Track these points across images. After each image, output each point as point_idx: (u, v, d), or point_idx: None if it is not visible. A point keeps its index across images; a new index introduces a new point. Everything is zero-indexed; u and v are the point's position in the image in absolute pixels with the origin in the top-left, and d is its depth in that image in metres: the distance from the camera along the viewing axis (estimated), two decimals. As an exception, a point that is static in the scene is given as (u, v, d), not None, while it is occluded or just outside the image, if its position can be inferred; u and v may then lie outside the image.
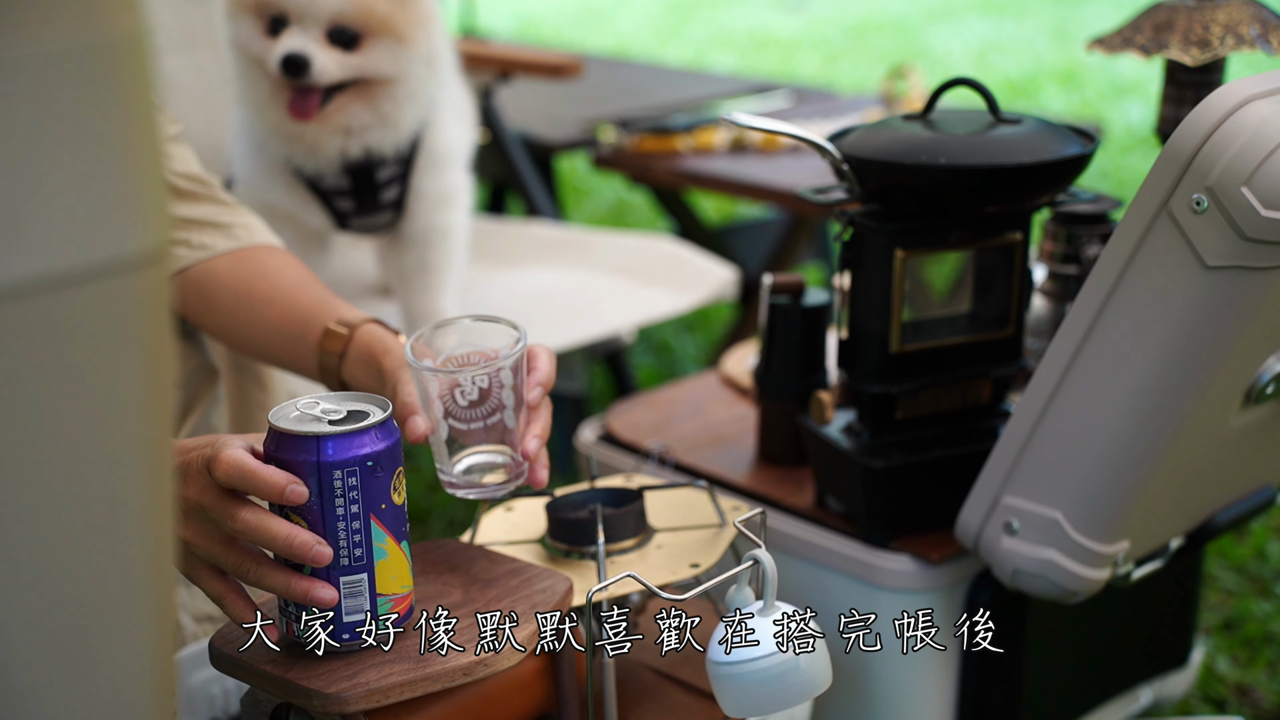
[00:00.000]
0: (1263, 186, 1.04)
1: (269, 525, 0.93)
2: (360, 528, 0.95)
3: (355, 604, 0.96)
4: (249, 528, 0.93)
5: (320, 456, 0.93)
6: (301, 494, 0.93)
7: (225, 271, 1.25)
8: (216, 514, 0.94)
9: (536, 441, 1.07)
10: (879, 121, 1.35)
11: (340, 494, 0.93)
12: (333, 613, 0.95)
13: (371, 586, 0.96)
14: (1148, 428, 1.18)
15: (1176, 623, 1.58)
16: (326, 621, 0.95)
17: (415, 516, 2.34)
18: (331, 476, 0.93)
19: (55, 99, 0.54)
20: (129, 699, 0.63)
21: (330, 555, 0.94)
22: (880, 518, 1.35)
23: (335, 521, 0.94)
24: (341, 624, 0.96)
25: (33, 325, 0.55)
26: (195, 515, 0.95)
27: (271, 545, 0.93)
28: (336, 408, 0.96)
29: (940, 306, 1.35)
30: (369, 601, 0.96)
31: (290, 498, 0.92)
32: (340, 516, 0.94)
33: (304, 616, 0.95)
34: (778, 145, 2.45)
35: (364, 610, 0.96)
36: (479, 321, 1.09)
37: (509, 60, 2.36)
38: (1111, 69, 5.42)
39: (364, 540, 0.95)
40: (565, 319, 1.92)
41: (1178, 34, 1.30)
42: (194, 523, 0.95)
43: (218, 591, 0.97)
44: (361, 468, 0.94)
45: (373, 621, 0.96)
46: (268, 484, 0.93)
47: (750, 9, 7.29)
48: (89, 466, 0.59)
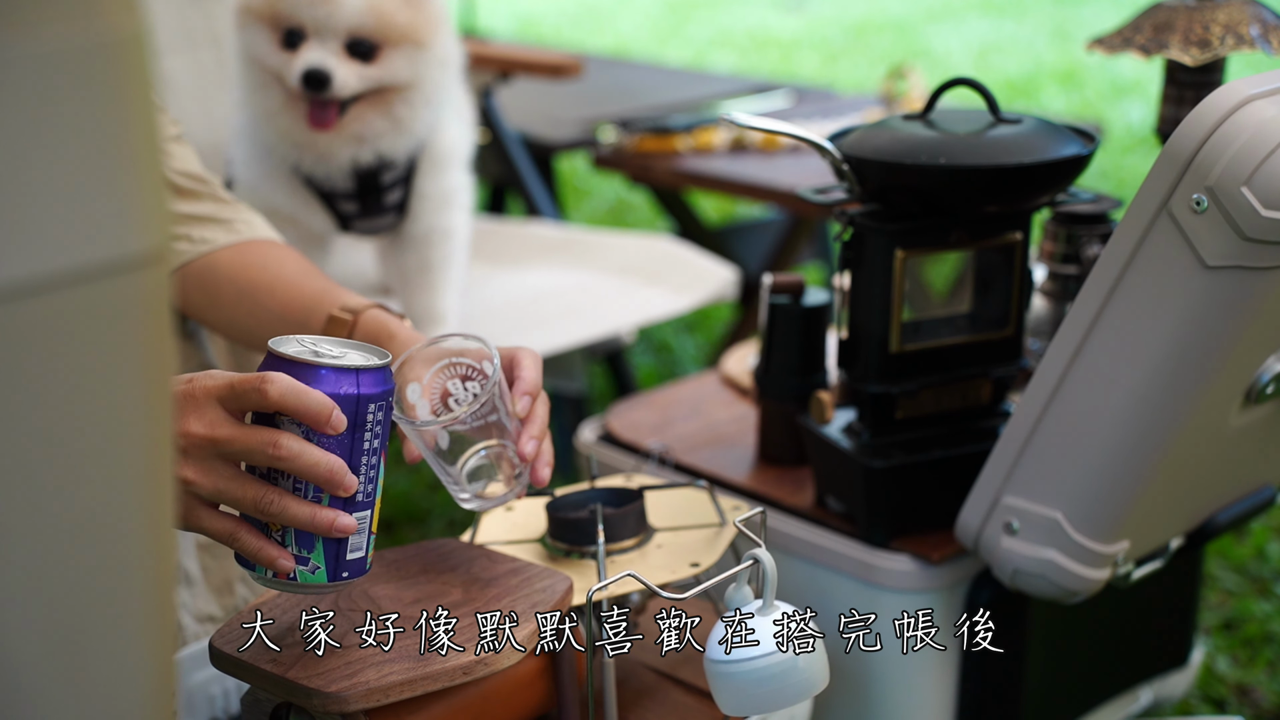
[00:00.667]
0: (1263, 186, 1.04)
1: (311, 452, 0.91)
2: (376, 463, 0.95)
3: (359, 540, 0.95)
4: (292, 454, 0.91)
5: (359, 389, 0.93)
6: (343, 421, 0.92)
7: (227, 264, 1.25)
8: (243, 444, 0.91)
9: (534, 443, 1.07)
10: (879, 121, 1.35)
11: (369, 428, 0.93)
12: (336, 549, 0.94)
13: (370, 524, 0.96)
14: (1148, 428, 1.18)
15: (1176, 623, 1.58)
16: (329, 557, 0.94)
17: (415, 516, 2.34)
18: (366, 410, 0.93)
19: (55, 99, 0.54)
20: (129, 699, 0.63)
21: (355, 486, 0.93)
22: (880, 518, 1.35)
23: (360, 455, 0.94)
24: (344, 561, 0.95)
25: (33, 325, 0.55)
26: (200, 452, 0.91)
27: (311, 471, 0.91)
28: (333, 349, 0.96)
29: (940, 306, 1.35)
30: (367, 539, 0.96)
31: (335, 423, 0.91)
32: (365, 450, 0.94)
33: (310, 558, 0.94)
34: (778, 145, 2.45)
35: (363, 548, 0.96)
36: (448, 340, 1.08)
37: (509, 60, 2.36)
38: (1111, 69, 5.42)
39: (376, 476, 0.95)
40: (565, 319, 1.92)
41: (1178, 34, 1.30)
42: (198, 461, 0.91)
43: (227, 529, 0.93)
44: (386, 405, 0.94)
45: (365, 560, 0.96)
46: (319, 406, 0.91)
47: (750, 9, 7.29)
48: (89, 466, 0.59)
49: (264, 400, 0.90)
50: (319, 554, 0.94)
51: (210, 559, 1.35)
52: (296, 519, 0.92)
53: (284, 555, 0.93)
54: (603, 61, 3.35)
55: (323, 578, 0.94)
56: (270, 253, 1.27)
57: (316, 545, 0.94)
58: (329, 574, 0.94)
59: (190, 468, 0.92)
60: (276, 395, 0.90)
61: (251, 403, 0.91)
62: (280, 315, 1.22)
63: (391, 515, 2.35)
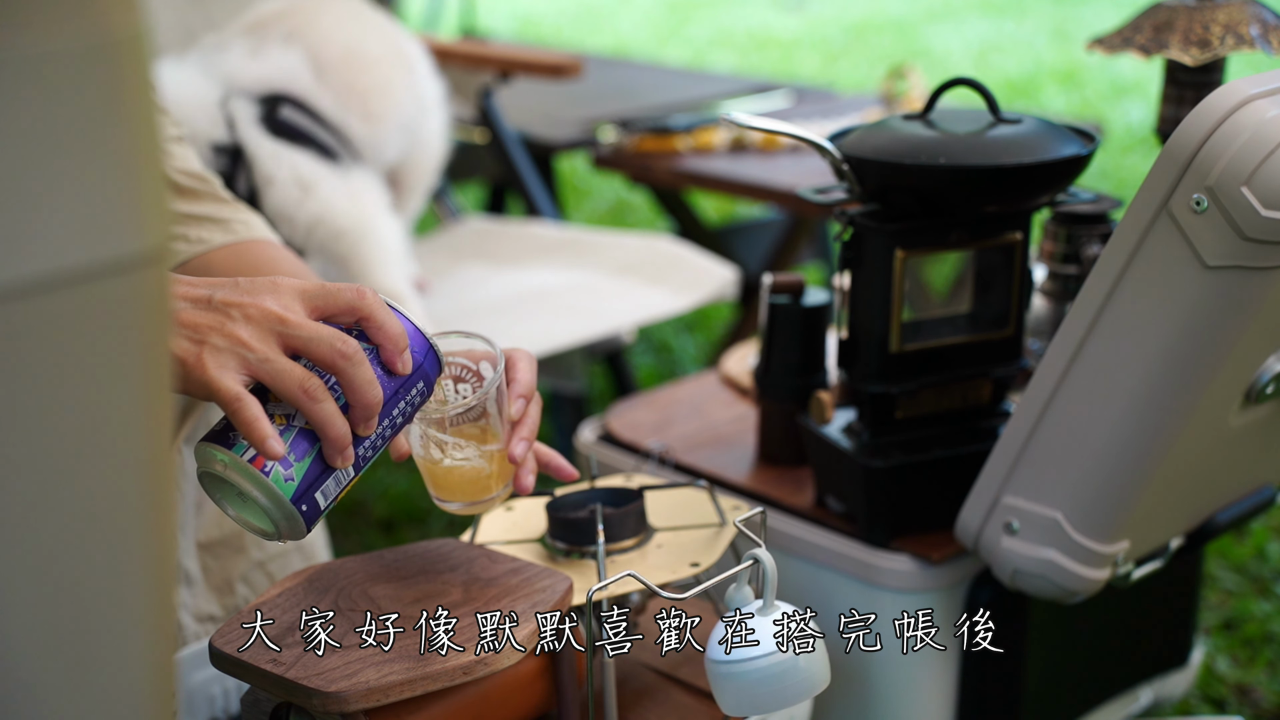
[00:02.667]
0: (1263, 186, 1.04)
1: (370, 367, 0.92)
2: (392, 431, 0.96)
3: (331, 489, 0.94)
4: (359, 358, 0.91)
5: (425, 362, 0.96)
6: (410, 363, 0.95)
7: (221, 264, 1.25)
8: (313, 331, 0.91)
9: (523, 444, 1.05)
10: (879, 121, 1.35)
11: (408, 399, 0.96)
12: (315, 478, 0.92)
13: (345, 486, 0.95)
14: (1148, 427, 1.18)
15: (1176, 623, 1.58)
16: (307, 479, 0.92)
17: (415, 516, 2.34)
18: (417, 383, 0.95)
19: (55, 99, 0.54)
20: (129, 699, 0.63)
21: (374, 431, 0.94)
22: (880, 518, 1.35)
23: (385, 418, 0.94)
24: (312, 495, 0.92)
25: (33, 325, 0.55)
26: (265, 324, 0.91)
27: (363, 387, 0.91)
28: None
29: (940, 306, 1.35)
30: (334, 498, 0.94)
31: (405, 360, 0.94)
32: (391, 415, 0.95)
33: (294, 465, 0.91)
34: (778, 145, 2.45)
35: (328, 499, 0.94)
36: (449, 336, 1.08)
37: (509, 60, 2.36)
38: (1111, 69, 5.43)
39: (378, 450, 0.95)
40: (565, 319, 1.92)
41: (1178, 34, 1.30)
42: (257, 329, 0.91)
43: (236, 391, 0.91)
44: (426, 392, 0.97)
45: (321, 514, 0.94)
46: (401, 333, 0.94)
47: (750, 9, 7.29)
48: (89, 466, 0.59)
49: (360, 299, 0.93)
50: (302, 469, 0.92)
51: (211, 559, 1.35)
52: (331, 417, 0.91)
53: (276, 439, 0.90)
54: (603, 61, 3.35)
55: (288, 492, 0.91)
56: (264, 254, 1.27)
57: (306, 459, 0.92)
58: (295, 493, 0.91)
59: (247, 330, 0.91)
60: (372, 298, 0.93)
61: (344, 301, 0.93)
62: None
63: (391, 515, 2.35)
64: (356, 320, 0.94)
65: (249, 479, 0.91)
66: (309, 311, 0.93)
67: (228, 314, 0.91)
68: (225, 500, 0.94)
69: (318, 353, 0.91)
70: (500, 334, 1.88)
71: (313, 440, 0.92)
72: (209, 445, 0.92)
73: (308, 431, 0.92)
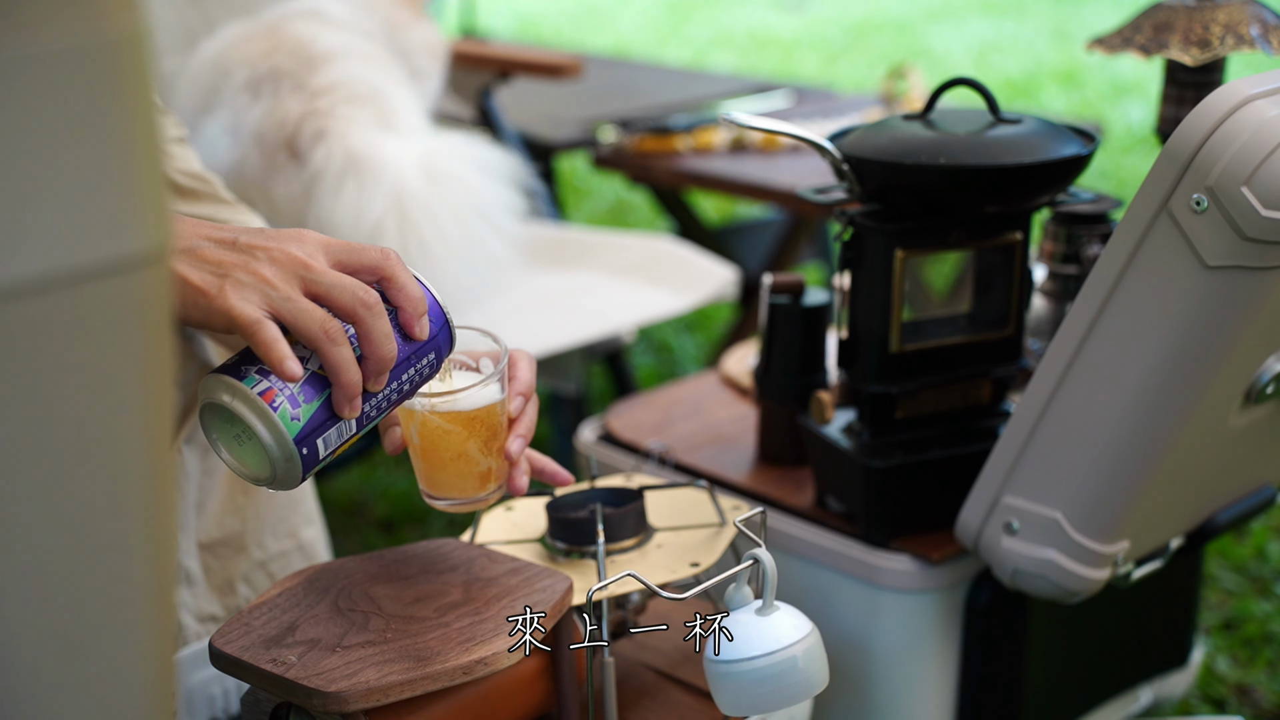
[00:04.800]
0: (1263, 186, 1.04)
1: (387, 323, 0.94)
2: (398, 397, 0.97)
3: (332, 439, 0.94)
4: (377, 309, 0.93)
5: (438, 335, 0.97)
6: (426, 329, 0.96)
7: None
8: (335, 279, 0.92)
9: (520, 442, 1.06)
10: (879, 121, 1.35)
11: (417, 369, 0.96)
12: (319, 424, 0.93)
13: (346, 441, 0.95)
14: (1148, 427, 1.18)
15: (1176, 623, 1.58)
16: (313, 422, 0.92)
17: (415, 516, 2.34)
18: (426, 355, 0.97)
19: (55, 99, 0.54)
20: (129, 699, 0.63)
21: (384, 385, 0.95)
22: (880, 518, 1.35)
23: (392, 382, 0.95)
24: (313, 440, 0.92)
25: (33, 325, 0.55)
26: (290, 268, 0.92)
27: (379, 339, 0.92)
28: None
29: (940, 306, 1.35)
30: (334, 450, 0.95)
31: (423, 325, 0.96)
32: (400, 379, 0.96)
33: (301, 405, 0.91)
34: (778, 145, 2.45)
35: (329, 448, 0.94)
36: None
37: (509, 60, 2.36)
38: (1111, 69, 5.43)
39: (379, 414, 0.96)
40: (565, 319, 1.92)
41: (1178, 34, 1.30)
42: (280, 270, 0.92)
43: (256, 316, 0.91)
44: (434, 366, 0.98)
45: (319, 463, 0.94)
46: (420, 297, 0.96)
47: (750, 9, 7.29)
48: (89, 466, 0.59)
49: (385, 259, 0.94)
50: (309, 410, 0.92)
51: (212, 559, 1.35)
52: (347, 359, 0.92)
53: (294, 359, 0.91)
54: (603, 61, 3.35)
55: (293, 430, 0.91)
56: None
57: (315, 402, 0.92)
58: (299, 433, 0.91)
59: (271, 270, 0.92)
60: (396, 261, 0.94)
61: (369, 259, 0.94)
62: None
63: (391, 515, 2.35)
64: (378, 279, 0.95)
65: (255, 412, 0.91)
66: (332, 264, 0.94)
67: (252, 254, 0.93)
68: (221, 441, 0.94)
69: (339, 300, 0.92)
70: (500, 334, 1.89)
71: (322, 386, 0.93)
72: (219, 375, 0.92)
73: (319, 377, 0.93)
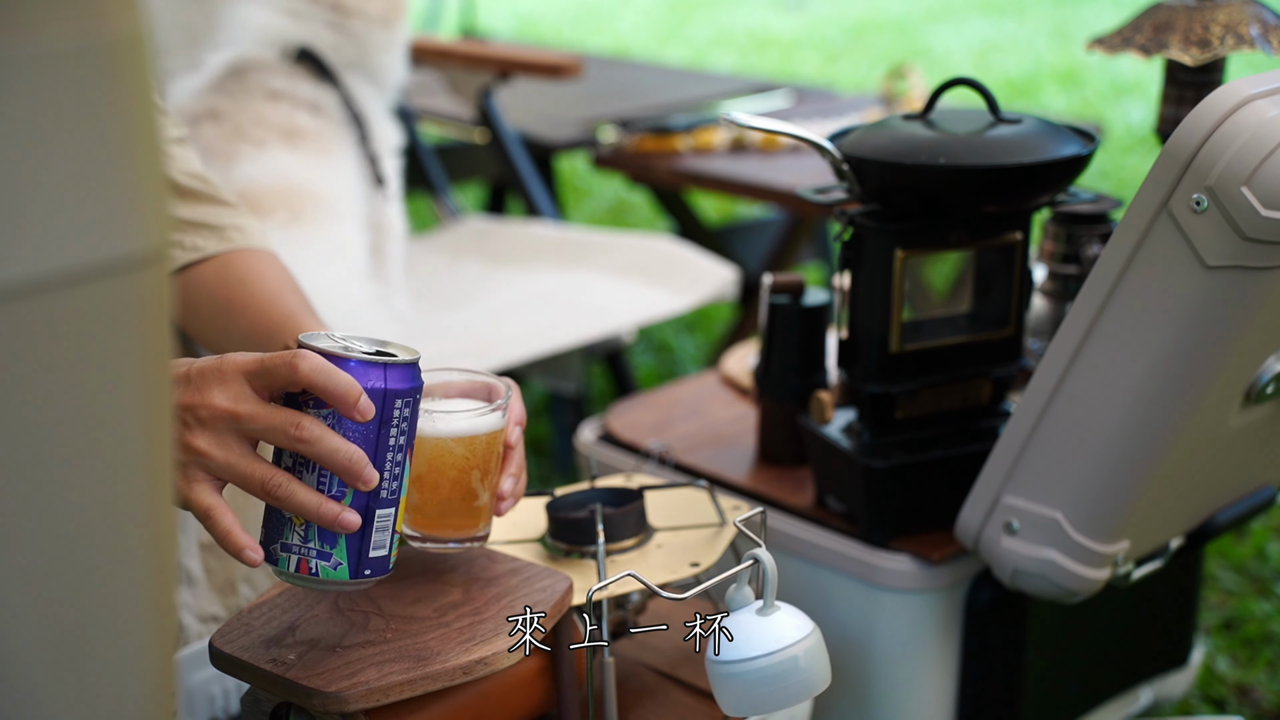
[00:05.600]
0: (1263, 186, 1.04)
1: (333, 437, 0.90)
2: (402, 460, 0.94)
3: (381, 539, 0.94)
4: (313, 437, 0.90)
5: (386, 383, 0.92)
6: (370, 407, 0.91)
7: (209, 277, 1.25)
8: (265, 422, 0.90)
9: (511, 480, 1.06)
10: (879, 121, 1.35)
11: (395, 424, 0.93)
12: (359, 545, 0.93)
13: (394, 522, 0.95)
14: (1148, 427, 1.18)
15: (1176, 623, 1.58)
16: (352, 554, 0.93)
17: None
18: (393, 405, 0.92)
19: (55, 99, 0.54)
20: (129, 699, 0.63)
21: (376, 480, 0.93)
22: (880, 518, 1.35)
23: (385, 451, 0.93)
24: (366, 559, 0.94)
25: (33, 325, 0.55)
26: (219, 425, 0.91)
27: (332, 457, 0.91)
28: (363, 345, 0.96)
29: (940, 306, 1.35)
30: (390, 537, 0.95)
31: (363, 408, 0.90)
32: (390, 447, 0.93)
33: (332, 554, 0.93)
34: (778, 145, 2.45)
35: (386, 546, 0.95)
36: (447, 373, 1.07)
37: (509, 60, 2.36)
38: (1111, 69, 5.43)
39: (401, 474, 0.95)
40: (565, 319, 1.92)
41: (1178, 34, 1.30)
42: (214, 434, 0.91)
43: (209, 504, 0.92)
44: (413, 400, 0.94)
45: (388, 559, 0.95)
46: (348, 387, 0.90)
47: (750, 9, 7.29)
48: (89, 466, 0.59)
49: (293, 375, 0.90)
50: (341, 550, 0.93)
51: (213, 559, 1.35)
52: (303, 506, 0.91)
53: (252, 547, 0.91)
54: (603, 61, 3.35)
55: (344, 574, 0.93)
56: (253, 266, 1.26)
57: (339, 541, 0.93)
58: (351, 570, 0.94)
59: (205, 438, 0.91)
60: (307, 370, 0.90)
61: (281, 378, 0.91)
62: (247, 335, 1.20)
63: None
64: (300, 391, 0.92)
65: (305, 584, 0.95)
66: (258, 392, 0.92)
67: (185, 421, 0.91)
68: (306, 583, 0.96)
69: (276, 441, 0.91)
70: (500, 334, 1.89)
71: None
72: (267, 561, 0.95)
73: None
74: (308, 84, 1.87)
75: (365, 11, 1.92)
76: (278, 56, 1.87)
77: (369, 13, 1.92)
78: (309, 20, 1.88)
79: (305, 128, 1.83)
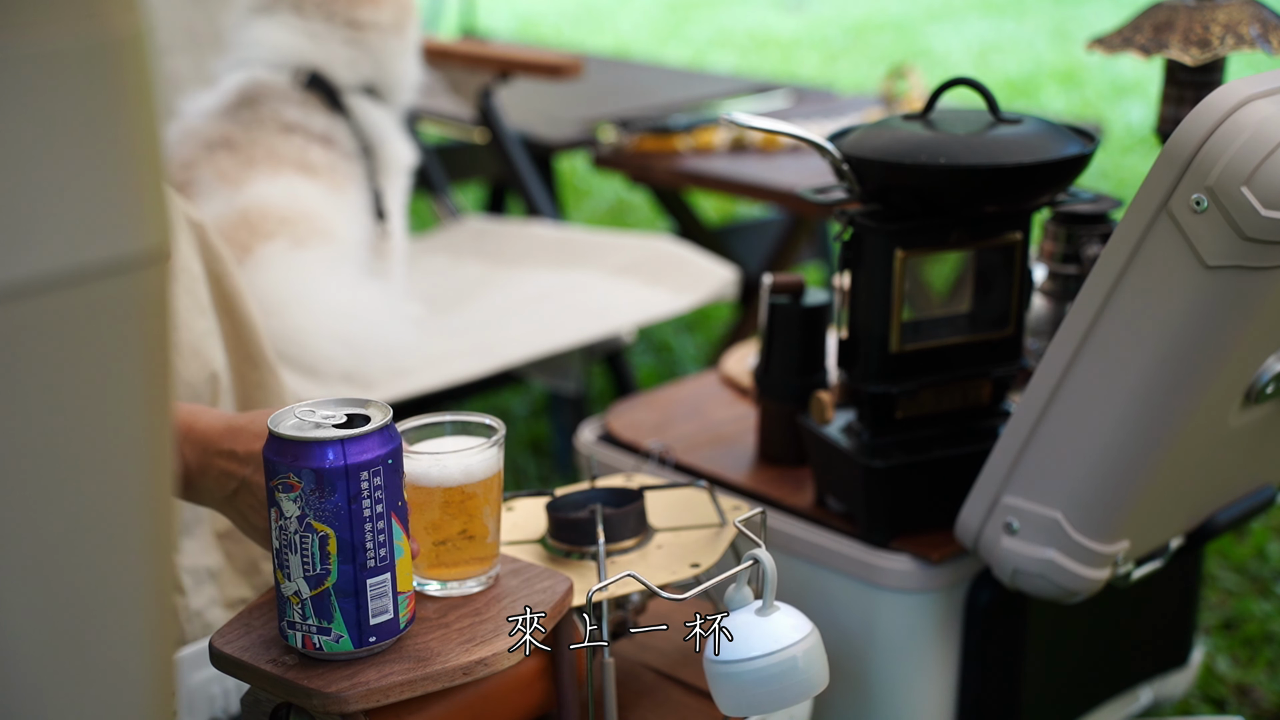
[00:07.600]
0: (1263, 186, 1.04)
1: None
2: (384, 527, 0.95)
3: (380, 605, 0.95)
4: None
5: (346, 459, 0.93)
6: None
7: None
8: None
9: None
10: (879, 121, 1.35)
11: (366, 495, 0.94)
12: (356, 616, 0.95)
13: (393, 586, 0.96)
14: (1148, 427, 1.18)
15: (1176, 623, 1.58)
16: (350, 625, 0.95)
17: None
18: (358, 478, 0.93)
19: (55, 99, 0.54)
20: (129, 699, 0.63)
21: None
22: (880, 518, 1.35)
23: (362, 524, 0.94)
24: (368, 627, 0.95)
25: (33, 325, 0.55)
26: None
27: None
28: (333, 412, 0.96)
29: (940, 306, 1.35)
30: (392, 602, 0.96)
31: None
32: (367, 518, 0.94)
33: (331, 628, 0.95)
34: (778, 145, 2.45)
35: (389, 610, 0.96)
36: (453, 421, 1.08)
37: (509, 60, 2.36)
38: (1111, 69, 5.42)
39: (388, 540, 0.95)
40: (565, 319, 1.92)
41: (1178, 34, 1.30)
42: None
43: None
44: (384, 466, 0.94)
45: (395, 621, 0.96)
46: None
47: (750, 9, 7.29)
48: (89, 466, 0.59)
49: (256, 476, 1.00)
50: (339, 623, 0.95)
51: (232, 544, 1.36)
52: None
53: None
54: (603, 61, 3.35)
55: (348, 645, 0.95)
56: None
57: (335, 615, 0.95)
58: (355, 641, 0.95)
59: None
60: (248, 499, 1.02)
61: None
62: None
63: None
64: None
65: (317, 657, 0.96)
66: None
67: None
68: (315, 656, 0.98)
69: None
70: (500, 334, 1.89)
71: (328, 593, 0.94)
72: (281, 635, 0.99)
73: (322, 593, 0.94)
74: (320, 115, 1.86)
75: (378, 23, 1.91)
76: (289, 80, 1.86)
77: (381, 23, 1.92)
78: (326, 40, 1.88)
79: (317, 164, 1.84)
